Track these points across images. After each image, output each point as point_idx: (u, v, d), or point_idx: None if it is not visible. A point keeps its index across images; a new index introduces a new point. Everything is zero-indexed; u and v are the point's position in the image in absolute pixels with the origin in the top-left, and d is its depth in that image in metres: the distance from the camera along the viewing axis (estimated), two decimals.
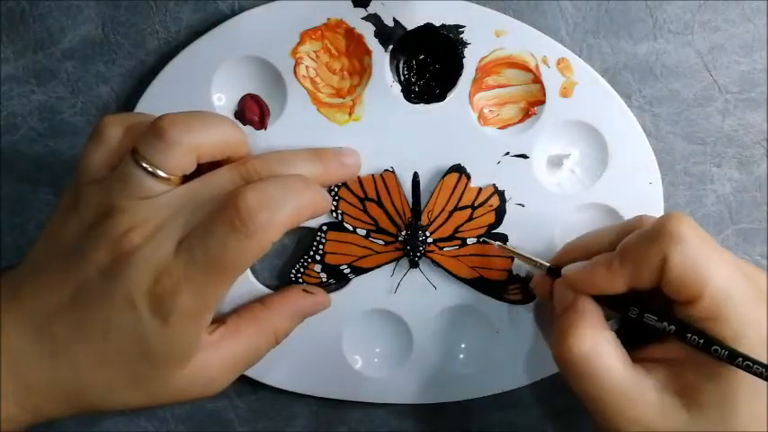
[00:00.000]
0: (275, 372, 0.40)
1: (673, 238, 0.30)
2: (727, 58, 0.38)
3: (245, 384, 0.41)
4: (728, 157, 0.39)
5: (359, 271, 0.39)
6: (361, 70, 0.38)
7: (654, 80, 0.39)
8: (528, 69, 0.37)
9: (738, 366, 0.29)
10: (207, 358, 0.33)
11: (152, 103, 0.38)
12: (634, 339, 0.33)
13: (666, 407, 0.31)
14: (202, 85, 0.38)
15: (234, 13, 0.38)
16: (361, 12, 0.37)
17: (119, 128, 0.33)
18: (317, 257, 0.39)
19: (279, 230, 0.31)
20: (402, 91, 0.38)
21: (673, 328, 0.31)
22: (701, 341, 0.30)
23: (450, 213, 0.38)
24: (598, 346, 0.31)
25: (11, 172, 0.40)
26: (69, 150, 0.40)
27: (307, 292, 0.38)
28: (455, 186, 0.38)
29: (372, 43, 0.37)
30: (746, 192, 0.39)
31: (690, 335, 0.30)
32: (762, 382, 0.29)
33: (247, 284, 0.39)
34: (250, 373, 0.39)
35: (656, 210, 0.38)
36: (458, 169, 0.38)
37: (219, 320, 0.35)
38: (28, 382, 0.31)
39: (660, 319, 0.31)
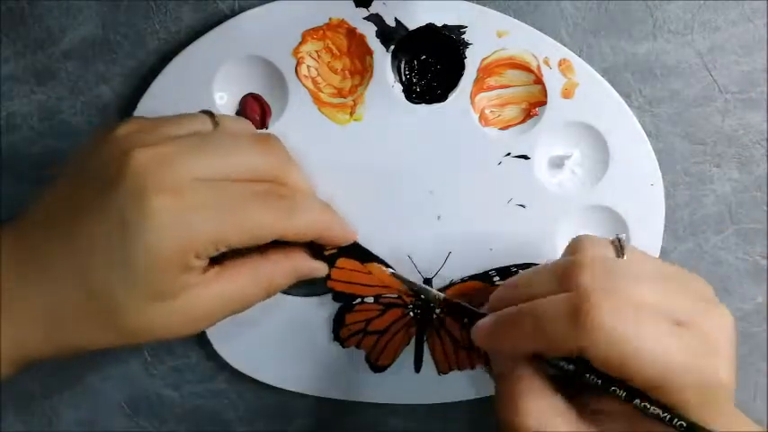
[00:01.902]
0: (275, 372, 0.40)
1: (587, 330, 0.27)
2: (727, 58, 0.38)
3: (245, 384, 0.41)
4: (728, 157, 0.39)
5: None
6: (362, 70, 0.38)
7: (654, 80, 0.39)
8: (529, 70, 0.37)
9: (681, 429, 0.28)
10: (197, 295, 0.32)
11: (152, 103, 0.38)
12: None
13: None
14: (203, 85, 0.38)
15: (234, 13, 0.38)
16: (363, 12, 0.37)
17: None
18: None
19: None
20: (403, 91, 0.38)
21: (624, 393, 0.28)
22: (645, 405, 0.28)
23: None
24: (542, 422, 0.29)
25: (11, 172, 0.40)
26: (69, 150, 0.39)
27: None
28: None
29: (374, 43, 0.37)
30: (746, 192, 0.39)
31: (638, 401, 0.28)
32: None
33: None
34: (250, 372, 0.39)
35: (656, 210, 0.38)
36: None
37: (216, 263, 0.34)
38: (12, 311, 0.31)
39: (604, 382, 0.28)
